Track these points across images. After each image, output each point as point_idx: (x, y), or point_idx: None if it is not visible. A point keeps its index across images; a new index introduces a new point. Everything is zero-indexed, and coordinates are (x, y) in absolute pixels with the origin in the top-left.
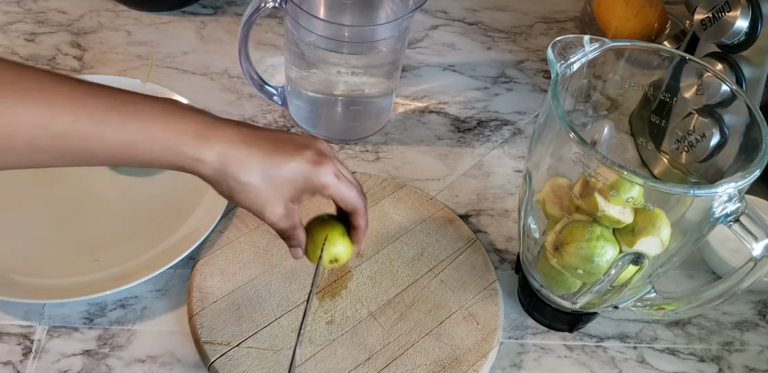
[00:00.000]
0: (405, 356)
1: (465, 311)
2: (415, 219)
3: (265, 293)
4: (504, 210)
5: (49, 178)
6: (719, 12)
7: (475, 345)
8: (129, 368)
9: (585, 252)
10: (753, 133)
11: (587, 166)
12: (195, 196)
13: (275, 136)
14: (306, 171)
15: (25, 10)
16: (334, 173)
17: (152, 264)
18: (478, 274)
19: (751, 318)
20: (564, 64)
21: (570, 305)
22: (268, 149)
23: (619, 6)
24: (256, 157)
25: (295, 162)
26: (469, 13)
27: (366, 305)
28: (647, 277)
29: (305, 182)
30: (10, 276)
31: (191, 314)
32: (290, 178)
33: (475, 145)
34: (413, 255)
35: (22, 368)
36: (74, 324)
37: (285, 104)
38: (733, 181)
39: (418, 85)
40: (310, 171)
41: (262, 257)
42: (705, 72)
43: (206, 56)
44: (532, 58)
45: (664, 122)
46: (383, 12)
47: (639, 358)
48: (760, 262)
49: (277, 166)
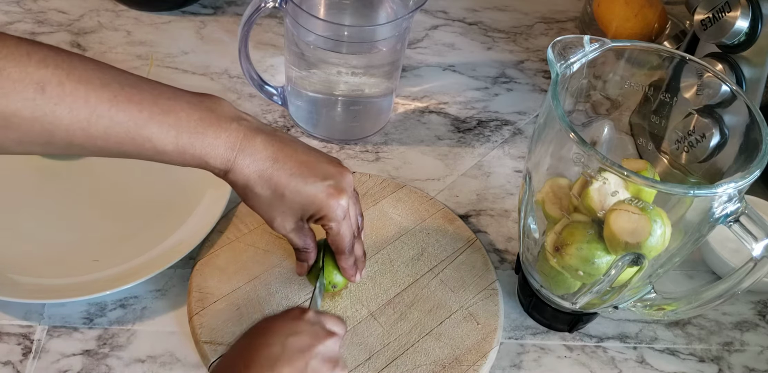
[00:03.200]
0: (405, 356)
1: (465, 311)
2: (415, 219)
3: (265, 294)
4: (504, 210)
5: (49, 179)
6: (719, 12)
7: (475, 345)
8: (129, 368)
9: (585, 253)
10: (753, 133)
11: (587, 166)
12: (195, 196)
13: (304, 156)
14: (318, 201)
15: (25, 10)
16: (342, 210)
17: (152, 264)
18: (478, 274)
19: (751, 318)
20: (564, 64)
21: (570, 305)
22: (292, 171)
23: (619, 6)
24: (276, 176)
25: (310, 191)
26: (469, 13)
27: (366, 305)
28: (647, 277)
29: (314, 209)
30: (10, 276)
31: (191, 314)
32: (301, 202)
33: (475, 145)
34: (413, 255)
35: (22, 368)
36: (74, 324)
37: (285, 104)
38: (733, 182)
39: (418, 86)
40: (322, 202)
41: (262, 257)
42: (705, 72)
43: (206, 56)
44: (532, 59)
45: (664, 123)
46: (383, 12)
47: (639, 358)
48: (760, 262)
49: (292, 190)
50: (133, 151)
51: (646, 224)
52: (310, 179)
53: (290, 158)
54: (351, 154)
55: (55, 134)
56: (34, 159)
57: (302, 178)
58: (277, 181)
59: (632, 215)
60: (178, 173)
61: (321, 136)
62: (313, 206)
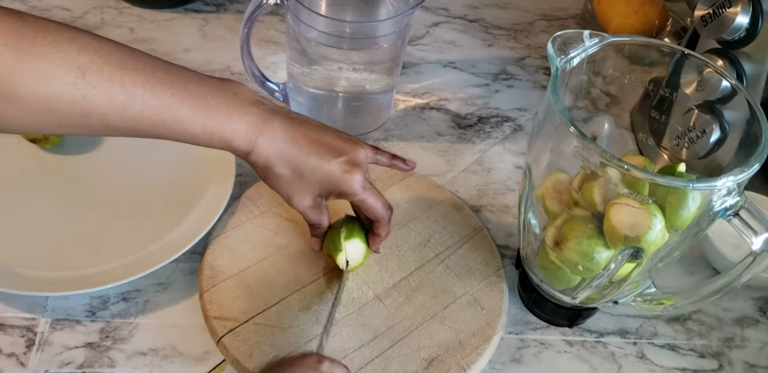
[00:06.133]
0: (409, 338)
1: (470, 297)
2: (423, 206)
3: (274, 273)
4: (504, 206)
5: (52, 173)
6: (720, 8)
7: (479, 330)
8: (131, 360)
9: (585, 248)
10: (753, 129)
11: (587, 160)
12: (197, 191)
13: (319, 135)
14: (335, 177)
15: (29, 7)
16: (361, 183)
17: (154, 258)
18: (484, 261)
19: (752, 314)
20: (564, 59)
21: (570, 300)
22: (307, 150)
23: (619, 3)
24: (295, 156)
25: (326, 168)
26: (470, 10)
27: (372, 288)
28: (647, 272)
29: (332, 186)
30: (14, 269)
31: (202, 291)
32: (319, 180)
33: (475, 141)
34: (420, 241)
35: (26, 359)
36: (77, 317)
37: (286, 100)
38: (732, 175)
39: (419, 82)
40: (339, 178)
41: (272, 239)
42: (705, 68)
43: (208, 53)
44: (532, 55)
45: (664, 118)
46: (384, 8)
47: (639, 353)
48: (760, 256)
49: (309, 168)
50: (164, 133)
51: (646, 218)
52: (326, 157)
53: (306, 137)
54: None
55: (92, 117)
56: (37, 153)
57: (318, 157)
58: (296, 162)
59: (632, 208)
60: (181, 168)
61: None
62: (331, 184)
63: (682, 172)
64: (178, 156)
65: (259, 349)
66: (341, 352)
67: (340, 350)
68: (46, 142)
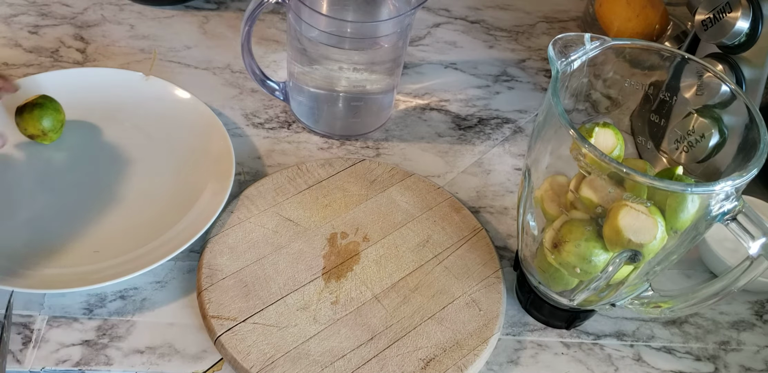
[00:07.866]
0: (407, 338)
1: (468, 298)
2: (422, 207)
3: (272, 273)
4: (503, 208)
5: (51, 170)
6: (720, 13)
7: (476, 330)
8: (128, 358)
9: (583, 250)
10: (752, 133)
11: (586, 163)
12: (196, 189)
13: None
14: None
15: (29, 3)
16: None
17: (152, 256)
18: (482, 262)
19: (748, 318)
20: (564, 61)
21: (567, 302)
22: None
23: (620, 6)
24: None
25: None
26: (471, 11)
27: (370, 288)
28: (644, 274)
29: None
30: (11, 266)
31: (200, 290)
32: None
33: (475, 142)
34: (419, 241)
35: (22, 357)
36: (74, 314)
37: (287, 100)
38: (731, 180)
39: (420, 83)
40: None
41: (271, 238)
42: (705, 72)
43: (209, 51)
44: (533, 57)
45: (663, 122)
46: (386, 8)
47: (635, 356)
48: (757, 260)
49: None
50: None
51: (653, 226)
52: None
53: None
54: (352, 150)
55: None
56: (35, 149)
57: None
58: None
59: (641, 214)
60: (180, 166)
61: (322, 131)
62: None
63: (680, 176)
64: (178, 155)
65: (256, 348)
66: (339, 351)
67: (338, 350)
68: (44, 138)
